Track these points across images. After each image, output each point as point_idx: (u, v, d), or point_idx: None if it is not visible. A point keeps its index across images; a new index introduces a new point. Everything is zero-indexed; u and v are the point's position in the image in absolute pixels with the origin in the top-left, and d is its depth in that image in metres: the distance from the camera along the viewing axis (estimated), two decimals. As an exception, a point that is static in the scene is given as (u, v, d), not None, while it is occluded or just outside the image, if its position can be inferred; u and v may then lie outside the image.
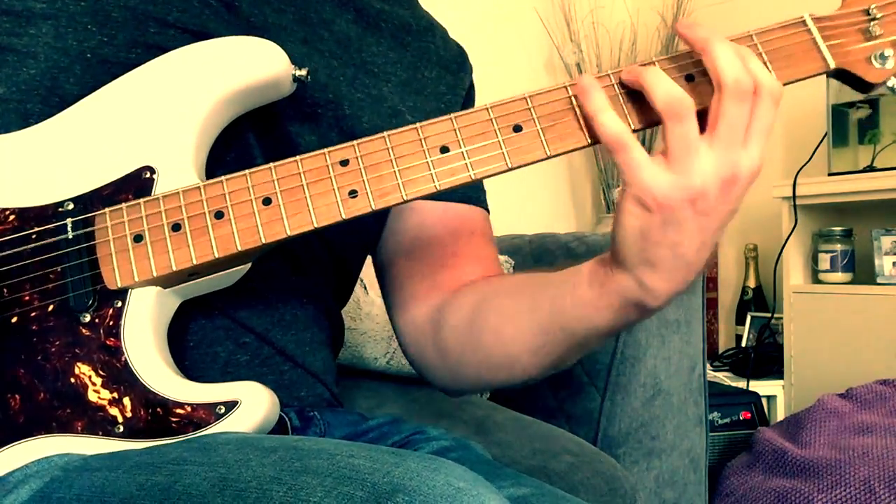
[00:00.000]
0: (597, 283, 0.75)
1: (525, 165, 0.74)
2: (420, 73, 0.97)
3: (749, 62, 0.69)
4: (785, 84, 0.74)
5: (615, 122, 0.70)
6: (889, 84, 0.76)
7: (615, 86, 0.73)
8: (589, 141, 0.73)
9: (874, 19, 0.76)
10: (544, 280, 0.83)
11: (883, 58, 0.76)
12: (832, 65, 0.76)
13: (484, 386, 0.94)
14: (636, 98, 0.72)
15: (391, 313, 1.00)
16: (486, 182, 0.90)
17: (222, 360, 0.82)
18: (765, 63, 0.74)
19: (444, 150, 0.73)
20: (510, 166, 0.73)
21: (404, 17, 0.98)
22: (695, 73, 0.74)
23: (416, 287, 0.95)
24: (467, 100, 1.02)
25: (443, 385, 0.96)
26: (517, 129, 0.73)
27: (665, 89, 0.68)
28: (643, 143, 0.71)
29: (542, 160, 0.74)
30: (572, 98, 0.73)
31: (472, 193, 0.97)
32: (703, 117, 0.71)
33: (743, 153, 0.69)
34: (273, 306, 0.86)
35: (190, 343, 0.81)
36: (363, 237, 0.97)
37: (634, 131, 0.73)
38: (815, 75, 0.76)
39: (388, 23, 0.96)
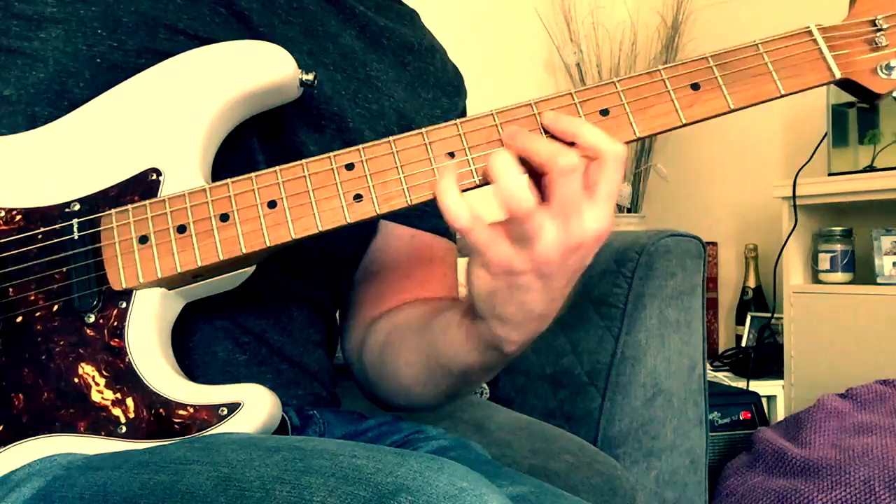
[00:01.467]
0: (463, 327, 0.76)
1: None
2: (417, 93, 0.98)
3: (583, 134, 0.69)
4: (790, 94, 0.74)
5: (459, 205, 0.68)
6: (895, 94, 0.76)
7: (621, 93, 0.74)
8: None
9: (880, 30, 0.76)
10: (434, 315, 0.84)
11: (889, 68, 0.76)
12: (838, 75, 0.76)
13: (396, 407, 0.96)
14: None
15: (340, 321, 1.02)
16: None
17: (222, 359, 0.83)
18: (770, 73, 0.74)
19: (451, 155, 0.73)
20: None
21: (406, 35, 0.99)
22: (701, 81, 0.74)
23: (365, 308, 0.97)
24: None
25: (368, 397, 0.99)
26: None
27: (505, 186, 0.67)
28: (644, 143, 0.72)
29: None
30: (577, 105, 0.74)
31: (443, 226, 0.98)
32: None
33: (587, 218, 0.67)
34: (270, 307, 0.87)
35: (190, 343, 0.81)
36: (360, 240, 0.97)
37: (641, 139, 0.74)
38: (820, 85, 0.76)
39: (390, 41, 0.97)
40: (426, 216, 0.94)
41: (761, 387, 2.48)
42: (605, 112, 0.73)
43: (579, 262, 0.69)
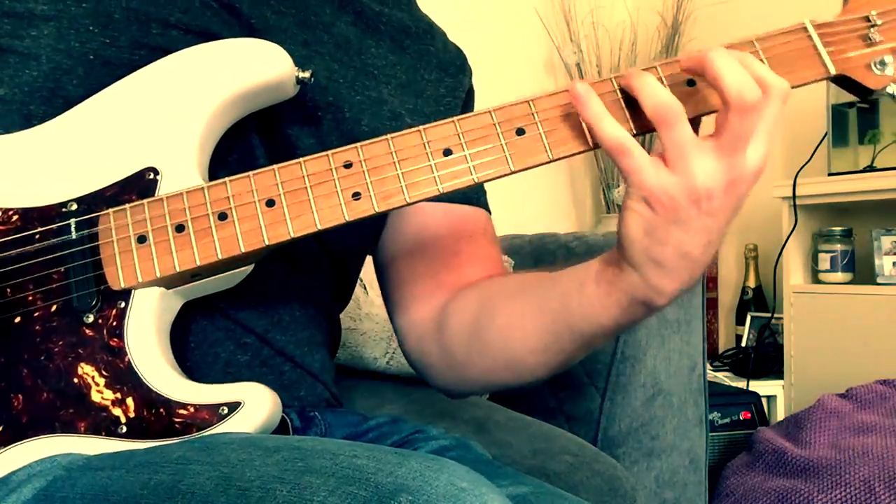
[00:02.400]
0: (604, 282, 0.75)
1: (527, 169, 0.74)
2: (419, 75, 0.97)
3: (753, 67, 0.69)
4: None
5: (615, 129, 0.70)
6: (888, 90, 0.77)
7: (616, 91, 0.74)
8: (592, 145, 0.73)
9: (874, 26, 0.76)
10: (550, 279, 0.83)
11: (883, 64, 0.76)
12: (832, 71, 0.76)
13: (489, 387, 0.94)
14: (636, 102, 0.72)
15: (392, 314, 1.00)
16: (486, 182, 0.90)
17: (223, 360, 0.83)
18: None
19: (448, 152, 0.73)
20: (513, 169, 0.73)
21: (403, 19, 0.98)
22: (696, 78, 0.74)
23: (419, 287, 0.95)
24: (467, 102, 1.02)
25: (445, 386, 0.96)
26: (520, 132, 0.73)
27: (652, 96, 0.69)
28: (644, 143, 0.72)
29: (545, 164, 0.74)
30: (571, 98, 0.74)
31: (472, 194, 0.97)
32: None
33: (749, 154, 0.69)
34: (272, 307, 0.86)
35: (191, 343, 0.81)
36: (362, 238, 0.97)
37: (637, 134, 0.73)
38: (815, 81, 0.77)
39: (387, 25, 0.96)
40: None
41: (761, 387, 2.48)
42: None
43: (738, 199, 0.70)
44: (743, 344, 2.75)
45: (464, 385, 0.94)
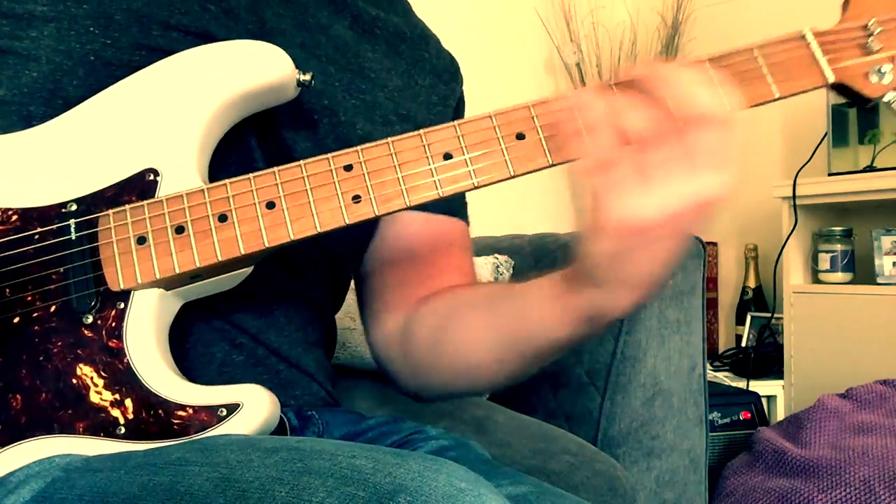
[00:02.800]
0: (560, 301, 0.75)
1: (528, 173, 0.74)
2: (414, 80, 0.98)
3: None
4: (784, 97, 0.74)
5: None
6: (886, 99, 0.77)
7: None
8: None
9: (872, 34, 0.76)
10: (508, 293, 0.83)
11: (881, 73, 0.76)
12: (831, 79, 0.76)
13: (450, 393, 0.96)
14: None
15: (364, 319, 1.01)
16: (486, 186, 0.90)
17: (218, 360, 0.83)
18: (764, 76, 0.74)
19: (448, 156, 0.73)
20: (513, 174, 0.73)
21: (399, 24, 0.99)
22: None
23: (391, 296, 0.97)
24: (458, 111, 1.02)
25: (410, 392, 0.97)
26: (520, 136, 0.73)
27: (651, 115, 0.66)
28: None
29: (545, 168, 0.74)
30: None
31: (455, 205, 0.98)
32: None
33: (715, 177, 0.66)
34: (267, 308, 0.86)
35: (187, 344, 0.81)
36: (359, 240, 0.97)
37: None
38: (814, 89, 0.76)
39: (383, 30, 0.96)
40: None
41: (761, 387, 2.48)
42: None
43: (694, 223, 0.68)
44: (743, 344, 2.75)
45: (427, 391, 0.95)
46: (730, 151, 0.67)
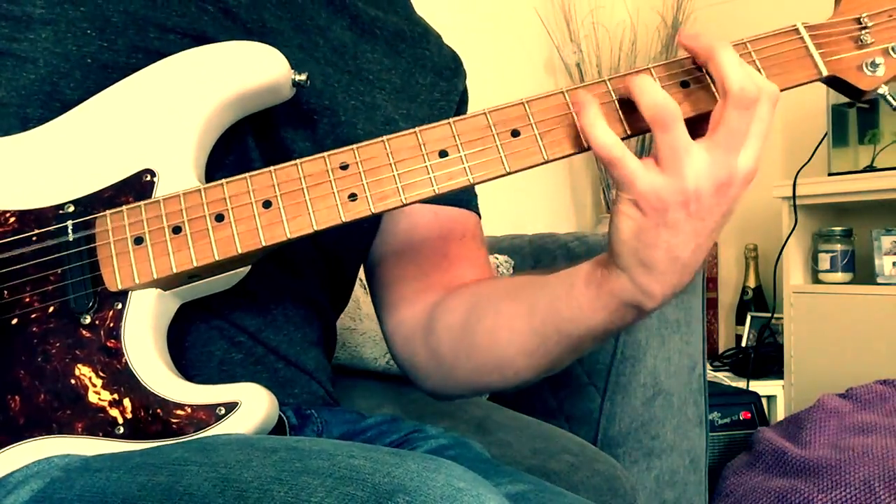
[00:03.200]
0: (593, 285, 0.75)
1: (523, 170, 0.74)
2: (414, 79, 0.98)
3: (749, 67, 0.70)
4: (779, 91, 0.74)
5: (607, 136, 0.70)
6: (880, 91, 0.77)
7: (611, 91, 0.74)
8: (586, 146, 0.73)
9: (865, 28, 0.77)
10: (539, 282, 0.83)
11: (874, 66, 0.76)
12: (824, 72, 0.76)
13: (476, 389, 0.94)
14: (631, 104, 0.72)
15: (380, 315, 1.00)
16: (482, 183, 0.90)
17: (217, 358, 0.83)
18: (758, 70, 0.75)
19: (443, 154, 0.73)
20: (508, 170, 0.73)
21: (398, 24, 0.99)
22: (690, 79, 0.74)
23: (407, 289, 0.96)
24: (461, 105, 1.02)
25: (433, 388, 0.96)
26: (515, 133, 0.73)
27: (650, 97, 0.68)
28: (645, 143, 0.72)
29: (541, 164, 0.74)
30: (569, 104, 0.74)
31: (463, 197, 0.97)
32: (697, 121, 0.71)
33: (740, 156, 0.69)
34: (266, 307, 0.86)
35: (185, 343, 0.81)
36: (359, 239, 0.97)
37: (630, 136, 0.74)
38: (807, 82, 0.77)
39: (382, 30, 0.96)
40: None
41: (761, 387, 2.48)
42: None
43: (728, 203, 0.70)
44: (743, 344, 2.75)
45: (451, 387, 0.94)
46: (768, 130, 0.70)
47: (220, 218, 0.72)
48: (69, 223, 0.74)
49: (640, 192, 0.68)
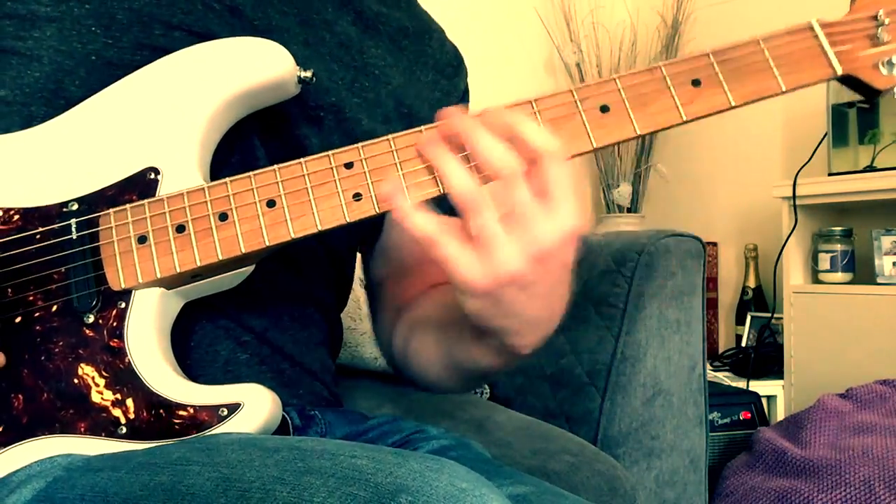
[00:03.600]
0: (476, 339, 0.76)
1: None
2: (416, 77, 0.98)
3: (519, 131, 0.67)
4: (791, 90, 0.74)
5: (424, 222, 0.67)
6: None
7: (621, 90, 0.73)
8: (594, 145, 0.73)
9: (882, 25, 0.76)
10: (444, 322, 0.84)
11: (890, 64, 0.75)
12: (839, 71, 0.75)
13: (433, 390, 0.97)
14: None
15: (371, 312, 1.03)
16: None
17: (223, 358, 0.83)
18: (770, 69, 0.74)
19: None
20: None
21: (402, 19, 0.98)
22: (701, 78, 0.73)
23: (390, 290, 0.98)
24: (462, 103, 1.02)
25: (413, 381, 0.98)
26: None
27: (458, 184, 0.66)
28: (645, 143, 0.71)
29: None
30: (577, 102, 0.73)
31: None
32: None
33: (549, 222, 0.66)
34: (271, 307, 0.86)
35: (191, 343, 0.81)
36: (361, 238, 0.97)
37: (641, 136, 0.73)
38: (822, 81, 0.76)
39: (386, 25, 0.96)
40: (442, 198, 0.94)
41: (761, 387, 2.48)
42: (605, 109, 0.73)
43: (557, 265, 0.68)
44: (743, 344, 2.75)
45: (420, 384, 0.96)
46: (571, 182, 0.67)
47: (223, 217, 0.72)
48: (72, 221, 0.73)
49: (464, 280, 0.67)
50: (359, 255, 1.04)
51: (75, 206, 0.74)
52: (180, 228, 0.72)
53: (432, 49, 1.00)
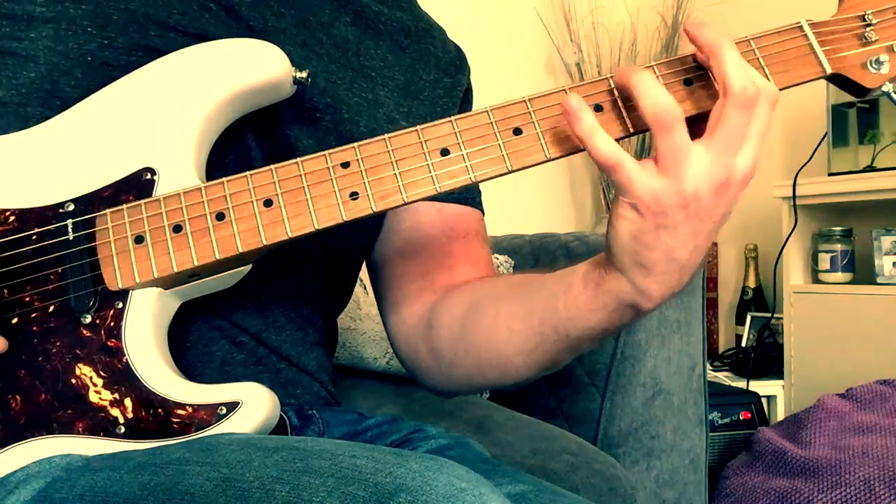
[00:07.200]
0: (591, 285, 0.75)
1: (525, 168, 0.74)
2: (418, 76, 0.97)
3: (750, 67, 0.70)
4: (782, 89, 0.74)
5: (607, 144, 0.69)
6: (884, 89, 0.77)
7: (614, 90, 0.73)
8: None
9: (869, 25, 0.76)
10: (538, 281, 0.82)
11: (878, 63, 0.76)
12: (828, 70, 0.76)
13: (476, 386, 0.94)
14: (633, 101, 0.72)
15: (384, 313, 1.00)
16: (485, 182, 0.90)
17: (219, 358, 0.83)
18: (762, 68, 0.74)
19: (445, 152, 0.73)
20: (510, 169, 0.73)
21: (402, 19, 0.98)
22: (693, 77, 0.74)
23: (410, 287, 0.96)
24: (464, 101, 1.02)
25: (434, 386, 0.96)
26: (517, 132, 0.73)
27: (651, 98, 0.68)
28: (644, 145, 0.72)
29: (542, 163, 0.74)
30: (563, 111, 0.73)
31: (467, 194, 0.97)
32: (696, 119, 0.71)
33: (739, 157, 0.69)
34: (267, 307, 0.86)
35: (187, 343, 0.81)
36: (360, 238, 0.97)
37: (633, 134, 0.73)
38: (811, 80, 0.76)
39: (386, 25, 0.96)
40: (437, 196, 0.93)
41: (761, 387, 2.48)
42: (598, 108, 0.73)
43: (727, 203, 0.70)
44: (743, 344, 2.75)
45: (451, 384, 0.94)
46: (764, 129, 0.70)
47: (220, 217, 0.72)
48: (69, 222, 0.73)
49: (639, 196, 0.68)
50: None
51: (72, 207, 0.74)
52: (177, 228, 0.72)
53: (434, 48, 1.00)
